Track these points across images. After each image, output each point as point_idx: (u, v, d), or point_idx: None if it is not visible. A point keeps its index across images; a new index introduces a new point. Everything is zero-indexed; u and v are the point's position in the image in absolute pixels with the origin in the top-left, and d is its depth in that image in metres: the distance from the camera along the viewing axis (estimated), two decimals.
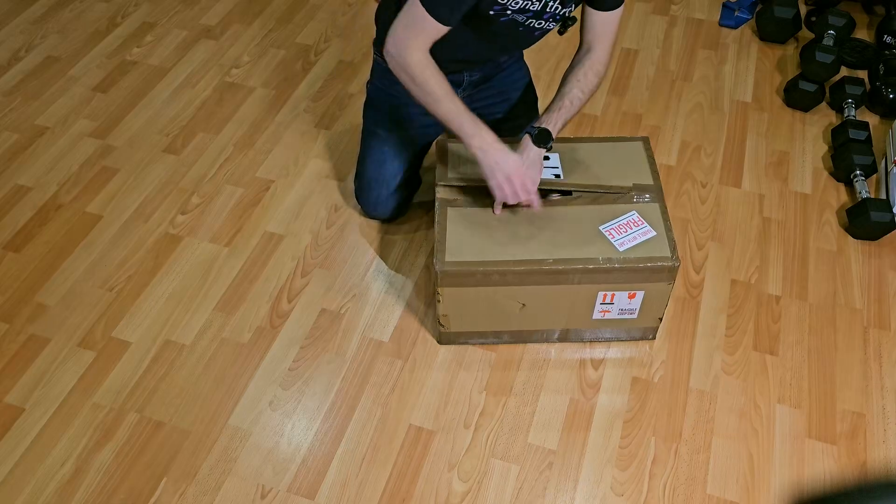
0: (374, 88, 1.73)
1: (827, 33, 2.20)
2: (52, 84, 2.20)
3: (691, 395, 1.52)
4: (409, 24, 1.36)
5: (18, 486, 1.39)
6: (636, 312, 1.52)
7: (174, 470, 1.41)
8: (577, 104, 1.47)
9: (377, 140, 1.72)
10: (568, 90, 1.47)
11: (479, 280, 1.43)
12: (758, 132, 2.07)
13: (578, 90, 1.47)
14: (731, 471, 1.42)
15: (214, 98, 2.16)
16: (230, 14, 2.46)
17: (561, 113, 1.45)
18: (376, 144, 1.72)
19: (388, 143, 1.71)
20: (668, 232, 1.46)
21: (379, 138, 1.72)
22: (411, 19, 1.35)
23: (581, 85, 1.47)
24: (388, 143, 1.71)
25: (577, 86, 1.47)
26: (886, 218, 1.74)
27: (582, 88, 1.47)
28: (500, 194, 1.43)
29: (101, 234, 1.80)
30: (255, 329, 1.62)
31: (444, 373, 1.55)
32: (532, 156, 1.44)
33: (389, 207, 1.77)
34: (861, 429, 1.48)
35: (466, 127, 1.40)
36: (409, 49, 1.36)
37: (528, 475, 1.41)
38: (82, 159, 1.98)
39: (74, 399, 1.51)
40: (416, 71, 1.37)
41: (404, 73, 1.39)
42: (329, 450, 1.44)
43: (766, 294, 1.69)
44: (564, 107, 1.46)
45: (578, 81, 1.48)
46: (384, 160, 1.72)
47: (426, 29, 1.35)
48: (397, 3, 1.53)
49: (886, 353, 1.59)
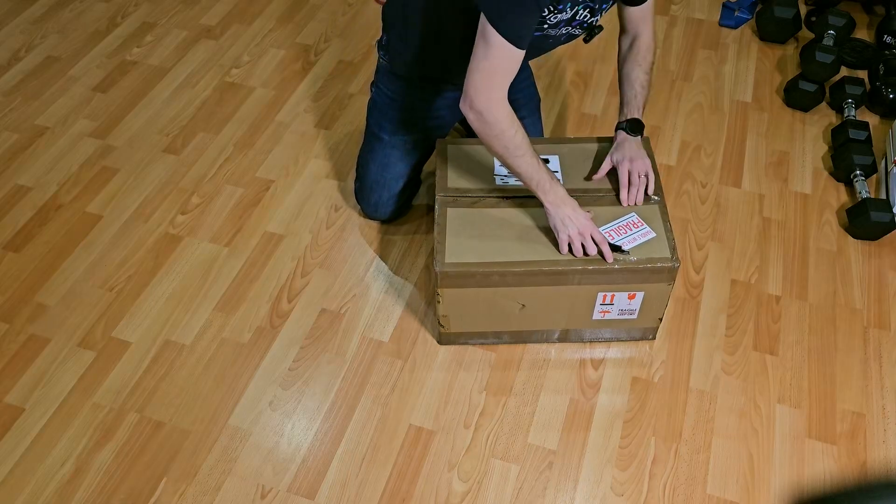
0: (380, 92, 1.71)
1: (827, 33, 2.20)
2: (52, 84, 2.20)
3: (691, 395, 1.52)
4: (491, 69, 1.31)
5: (18, 486, 1.39)
6: (636, 313, 1.52)
7: (174, 470, 1.41)
8: (646, 86, 1.53)
9: (381, 143, 1.72)
10: (635, 77, 1.52)
11: (478, 281, 1.43)
12: (758, 132, 2.07)
13: (643, 73, 1.52)
14: (731, 471, 1.42)
15: (214, 98, 2.16)
16: (230, 14, 2.46)
17: (638, 100, 1.52)
18: (380, 147, 1.72)
19: (392, 146, 1.71)
20: (668, 233, 1.46)
21: (382, 142, 1.72)
22: (492, 62, 1.30)
23: (643, 67, 1.52)
24: (392, 147, 1.71)
25: (640, 69, 1.52)
26: (886, 218, 1.74)
27: (645, 70, 1.53)
28: (565, 248, 1.43)
29: (101, 234, 1.80)
30: (255, 329, 1.62)
31: (444, 373, 1.55)
32: (634, 147, 1.50)
33: (390, 209, 1.77)
34: (861, 429, 1.48)
35: (544, 183, 1.40)
36: (496, 103, 1.34)
37: (528, 475, 1.41)
38: (82, 159, 1.98)
39: (74, 399, 1.51)
40: (504, 126, 1.35)
41: (490, 130, 1.36)
42: (329, 450, 1.44)
43: (766, 294, 1.69)
44: (638, 93, 1.52)
45: (639, 65, 1.52)
46: (388, 163, 1.72)
47: (508, 68, 1.32)
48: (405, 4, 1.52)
49: (886, 353, 1.59)
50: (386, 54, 1.64)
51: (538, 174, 1.40)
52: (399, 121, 1.70)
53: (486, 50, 1.29)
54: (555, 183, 1.41)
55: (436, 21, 1.51)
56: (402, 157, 1.72)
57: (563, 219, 1.41)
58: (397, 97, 1.68)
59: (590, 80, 2.22)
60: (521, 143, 1.37)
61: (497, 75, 1.32)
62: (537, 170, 1.40)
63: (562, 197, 1.42)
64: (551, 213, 1.42)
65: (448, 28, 1.49)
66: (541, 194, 1.42)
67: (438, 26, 1.51)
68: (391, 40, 1.61)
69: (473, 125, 1.38)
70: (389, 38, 1.62)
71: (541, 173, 1.40)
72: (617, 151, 1.53)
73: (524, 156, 1.38)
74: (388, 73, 1.67)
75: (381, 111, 1.72)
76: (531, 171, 1.40)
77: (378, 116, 1.72)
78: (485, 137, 1.38)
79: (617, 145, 1.53)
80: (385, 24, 1.62)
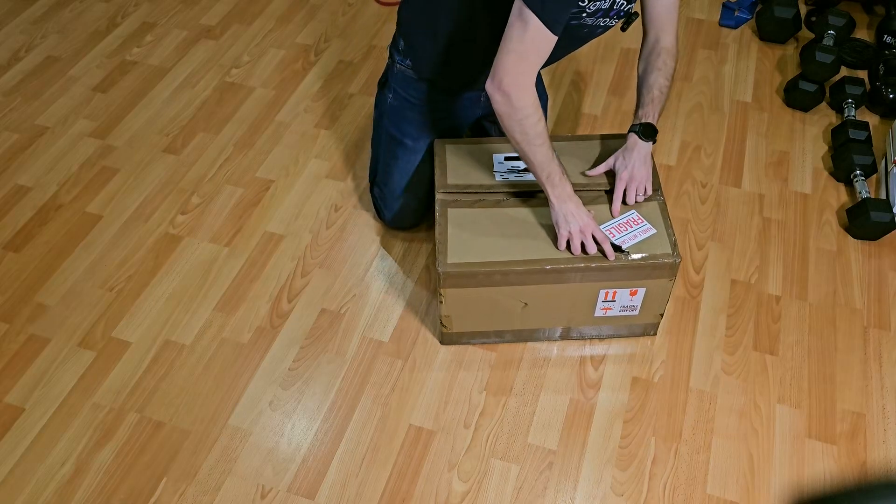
0: (398, 97, 1.66)
1: (827, 33, 2.20)
2: (52, 84, 2.20)
3: (691, 394, 1.52)
4: (524, 51, 1.30)
5: (18, 486, 1.39)
6: (637, 309, 1.52)
7: (174, 470, 1.41)
8: (665, 91, 1.51)
9: (405, 149, 1.68)
10: (654, 81, 1.50)
11: (481, 281, 1.43)
12: (758, 132, 2.07)
13: (663, 78, 1.50)
14: (731, 471, 1.42)
15: (214, 98, 2.16)
16: (230, 14, 2.46)
17: (654, 104, 1.49)
18: (404, 154, 1.68)
19: (417, 151, 1.68)
20: (669, 229, 1.46)
21: (407, 147, 1.68)
22: (526, 45, 1.29)
23: (664, 73, 1.50)
24: (417, 152, 1.68)
25: (661, 74, 1.50)
26: (886, 218, 1.74)
27: (665, 75, 1.50)
28: (563, 244, 1.43)
29: (101, 234, 1.80)
30: (255, 329, 1.62)
31: (444, 373, 1.55)
32: (643, 152, 1.48)
33: (418, 216, 1.76)
34: (861, 429, 1.48)
35: (554, 176, 1.40)
36: (524, 88, 1.32)
37: (528, 475, 1.41)
38: (82, 159, 1.98)
39: (74, 399, 1.51)
40: (529, 112, 1.34)
41: (515, 114, 1.35)
42: (329, 450, 1.44)
43: (766, 294, 1.69)
44: (656, 98, 1.49)
45: (660, 70, 1.50)
46: (413, 170, 1.69)
47: (541, 52, 1.31)
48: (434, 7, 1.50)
49: (886, 353, 1.59)
50: (406, 58, 1.60)
51: (550, 166, 1.39)
52: (423, 124, 1.67)
53: (522, 33, 1.28)
54: (564, 178, 1.41)
55: (466, 22, 1.48)
56: (428, 160, 1.69)
57: (565, 214, 1.41)
58: (419, 101, 1.64)
59: (590, 80, 2.22)
60: (541, 132, 1.37)
61: (529, 59, 1.32)
62: (550, 161, 1.39)
63: (568, 193, 1.41)
64: (555, 208, 1.42)
65: (478, 29, 1.48)
66: (549, 187, 1.41)
67: (469, 27, 1.49)
68: (414, 44, 1.57)
69: (498, 108, 1.36)
70: (411, 42, 1.58)
71: (553, 165, 1.40)
72: (622, 158, 1.51)
73: (542, 146, 1.38)
74: (408, 78, 1.62)
75: (403, 116, 1.67)
76: (545, 161, 1.39)
77: (399, 122, 1.67)
78: (507, 121, 1.37)
79: (625, 149, 1.51)
80: (403, 28, 1.59)
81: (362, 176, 1.93)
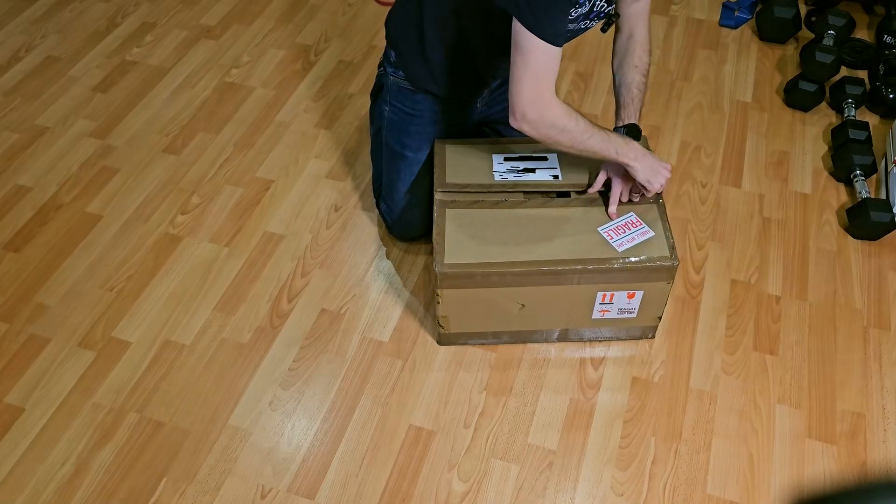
0: (395, 110, 1.64)
1: (827, 33, 2.20)
2: (52, 84, 2.20)
3: (691, 394, 1.52)
4: (535, 76, 1.29)
5: (18, 486, 1.39)
6: (635, 312, 1.52)
7: (174, 470, 1.41)
8: (643, 89, 1.50)
9: (406, 162, 1.67)
10: (631, 79, 1.50)
11: (478, 281, 1.43)
12: (758, 132, 2.07)
13: (640, 75, 1.50)
14: (731, 471, 1.42)
15: (214, 98, 2.16)
16: (230, 14, 2.46)
17: (635, 104, 1.49)
18: (406, 166, 1.67)
19: (418, 161, 1.67)
20: (667, 232, 1.46)
21: (408, 160, 1.66)
22: (535, 68, 1.29)
23: (640, 69, 1.50)
24: (418, 162, 1.67)
25: (637, 72, 1.50)
26: (886, 218, 1.74)
27: (642, 72, 1.50)
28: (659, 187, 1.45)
29: (101, 234, 1.81)
30: (255, 329, 1.62)
31: (443, 373, 1.55)
32: None
33: (425, 226, 1.72)
34: (861, 429, 1.48)
35: (621, 146, 1.40)
36: (548, 106, 1.32)
37: (528, 475, 1.41)
38: (82, 159, 1.98)
39: (74, 399, 1.51)
40: (564, 121, 1.34)
41: (552, 132, 1.34)
42: (329, 450, 1.44)
43: (766, 294, 1.69)
44: (635, 97, 1.49)
45: (636, 67, 1.50)
46: (417, 181, 1.68)
47: (551, 67, 1.31)
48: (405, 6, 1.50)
49: (886, 353, 1.59)
50: (398, 70, 1.59)
51: (608, 142, 1.39)
52: (423, 134, 1.65)
53: (525, 59, 1.28)
54: (627, 139, 1.41)
55: (456, 32, 1.47)
56: (431, 170, 1.66)
57: (653, 167, 1.43)
58: (418, 112, 1.63)
59: (590, 80, 2.22)
60: (585, 127, 1.36)
61: (542, 79, 1.31)
62: (607, 139, 1.39)
63: (637, 148, 1.41)
64: (635, 168, 1.42)
65: (469, 38, 1.47)
66: (622, 159, 1.40)
67: (459, 36, 1.47)
68: (405, 55, 1.56)
69: (534, 135, 1.35)
70: (402, 55, 1.56)
71: (611, 141, 1.39)
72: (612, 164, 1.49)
73: (592, 136, 1.37)
74: (404, 89, 1.61)
75: (401, 129, 1.65)
76: (603, 144, 1.39)
77: (398, 135, 1.66)
78: (549, 141, 1.37)
79: None
80: (393, 41, 1.57)
81: (362, 176, 1.93)
